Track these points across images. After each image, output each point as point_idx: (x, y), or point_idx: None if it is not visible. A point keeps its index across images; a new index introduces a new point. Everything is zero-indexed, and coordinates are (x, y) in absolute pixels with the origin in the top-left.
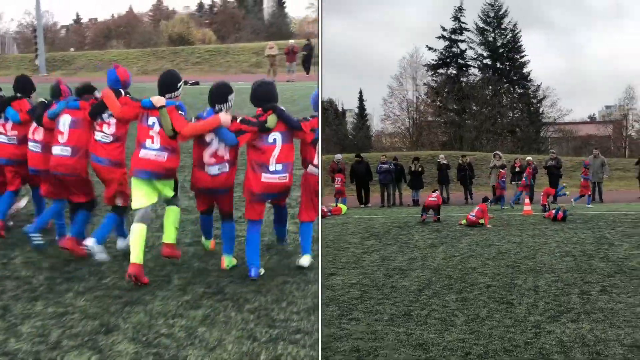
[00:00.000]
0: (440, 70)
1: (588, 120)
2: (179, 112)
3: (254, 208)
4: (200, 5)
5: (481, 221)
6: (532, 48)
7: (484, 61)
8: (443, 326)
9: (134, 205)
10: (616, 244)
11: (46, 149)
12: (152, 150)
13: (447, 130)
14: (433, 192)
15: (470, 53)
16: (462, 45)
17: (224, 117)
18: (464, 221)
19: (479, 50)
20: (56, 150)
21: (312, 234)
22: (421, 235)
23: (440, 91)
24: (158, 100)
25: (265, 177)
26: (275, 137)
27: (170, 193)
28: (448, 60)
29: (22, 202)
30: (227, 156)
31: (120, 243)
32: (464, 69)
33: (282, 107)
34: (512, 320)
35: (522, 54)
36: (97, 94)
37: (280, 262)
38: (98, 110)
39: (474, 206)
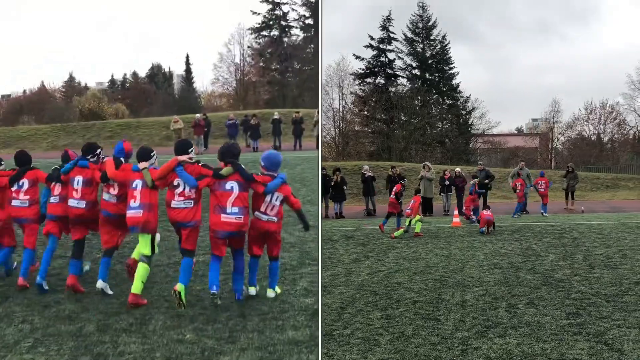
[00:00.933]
0: (368, 80)
1: (516, 132)
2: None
3: (217, 245)
4: (112, 81)
5: (414, 223)
6: (461, 60)
7: (413, 71)
8: (367, 346)
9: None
10: (542, 255)
11: (63, 199)
12: (133, 209)
13: (375, 140)
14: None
15: (398, 63)
16: (391, 55)
17: (180, 157)
18: (396, 233)
19: (408, 60)
20: (72, 203)
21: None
22: (346, 249)
23: (367, 100)
24: (142, 165)
25: (224, 217)
26: (233, 185)
27: (145, 250)
28: (376, 69)
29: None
30: (193, 195)
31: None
32: (392, 78)
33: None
34: (438, 338)
35: (451, 66)
36: (99, 151)
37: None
38: (105, 176)
39: (403, 217)
